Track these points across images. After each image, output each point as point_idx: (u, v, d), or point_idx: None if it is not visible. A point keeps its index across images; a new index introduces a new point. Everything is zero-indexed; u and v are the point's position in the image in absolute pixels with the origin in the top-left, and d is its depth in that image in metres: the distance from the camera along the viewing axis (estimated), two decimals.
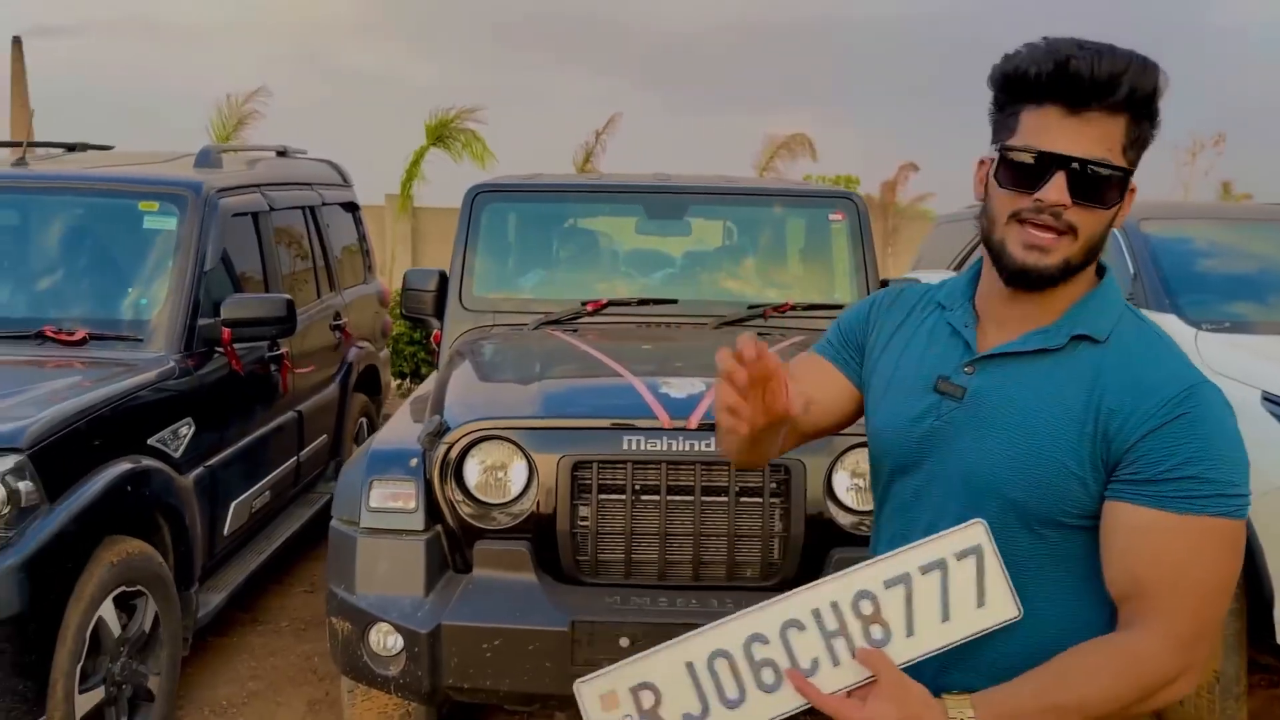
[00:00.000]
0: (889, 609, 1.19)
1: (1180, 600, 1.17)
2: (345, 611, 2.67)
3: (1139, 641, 1.18)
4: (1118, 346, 1.25)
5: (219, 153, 4.57)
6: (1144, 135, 1.23)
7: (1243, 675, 3.33)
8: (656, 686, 1.17)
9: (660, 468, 2.72)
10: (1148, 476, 1.17)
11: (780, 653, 1.18)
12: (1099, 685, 1.16)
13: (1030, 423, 1.24)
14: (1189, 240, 4.34)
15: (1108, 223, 1.24)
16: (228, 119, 14.97)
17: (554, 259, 4.43)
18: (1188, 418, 1.17)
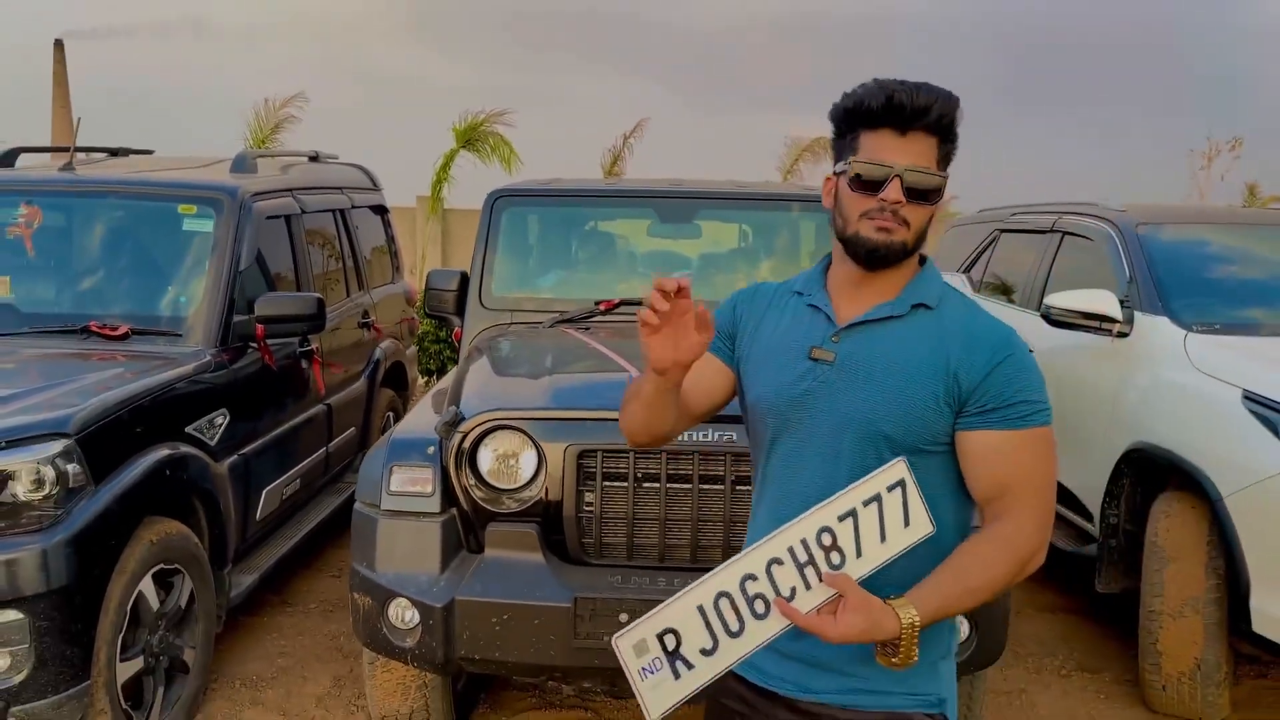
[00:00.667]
0: (843, 538, 1.45)
1: (1036, 491, 1.53)
2: (366, 587, 2.87)
3: (1014, 528, 1.51)
4: (946, 311, 1.61)
5: (254, 158, 4.81)
6: (949, 152, 1.59)
7: (1223, 663, 3.46)
8: (677, 630, 1.42)
9: (661, 457, 2.90)
10: (994, 406, 1.53)
11: (767, 586, 1.43)
12: (995, 567, 1.49)
13: (896, 372, 1.55)
14: (1185, 244, 4.46)
15: (930, 216, 1.58)
16: (264, 122, 15.30)
17: (572, 260, 4.62)
18: (1011, 359, 1.54)
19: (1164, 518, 3.59)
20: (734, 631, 1.43)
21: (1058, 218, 5.12)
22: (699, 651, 1.42)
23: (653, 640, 1.42)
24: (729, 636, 1.43)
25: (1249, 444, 3.29)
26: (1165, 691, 3.54)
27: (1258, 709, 3.73)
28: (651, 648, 1.42)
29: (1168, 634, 3.49)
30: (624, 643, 1.43)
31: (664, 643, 1.42)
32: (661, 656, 1.42)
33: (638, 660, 1.43)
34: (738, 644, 1.43)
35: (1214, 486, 3.36)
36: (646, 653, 1.42)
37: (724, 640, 1.43)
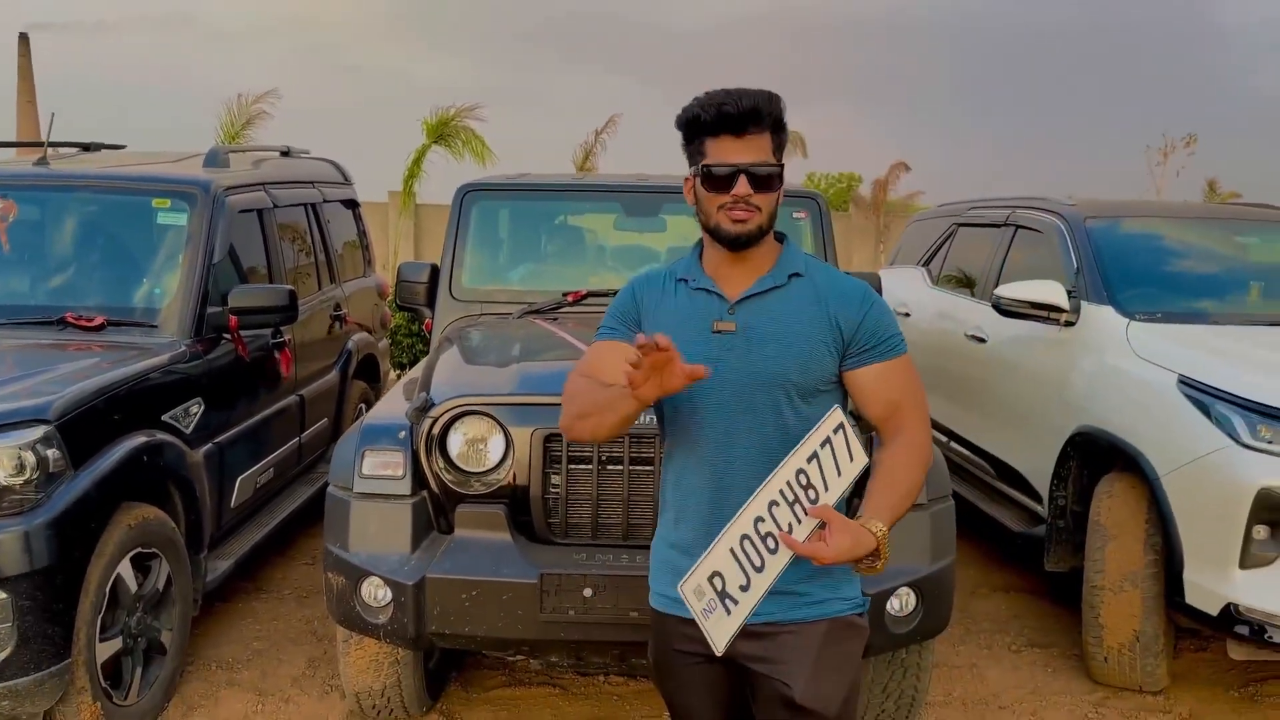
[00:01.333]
0: (814, 476, 1.76)
1: (918, 401, 1.93)
2: (340, 567, 2.98)
3: (914, 436, 1.89)
4: (815, 275, 1.95)
5: (226, 153, 4.88)
6: (782, 142, 1.91)
7: (1161, 634, 3.63)
8: (720, 572, 1.71)
9: (624, 441, 3.02)
10: (873, 345, 1.90)
11: (772, 525, 1.73)
12: (915, 468, 1.86)
13: (793, 329, 1.89)
14: (1131, 237, 4.63)
15: (777, 199, 1.90)
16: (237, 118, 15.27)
17: (542, 253, 4.74)
18: (875, 305, 1.93)
19: (1106, 498, 3.77)
20: (758, 567, 1.71)
21: (1011, 211, 5.29)
22: (739, 588, 1.70)
23: (705, 584, 1.69)
24: (756, 571, 1.71)
25: (1183, 426, 3.46)
26: (1107, 663, 3.71)
27: (1195, 679, 3.91)
28: (706, 590, 1.69)
29: (1108, 608, 3.66)
30: (687, 589, 1.69)
31: (714, 584, 1.70)
32: (714, 596, 1.69)
33: (699, 602, 1.69)
34: (763, 577, 1.71)
35: (1152, 467, 3.54)
36: (704, 595, 1.69)
37: (753, 575, 1.71)
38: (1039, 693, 3.80)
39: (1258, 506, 3.17)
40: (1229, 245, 4.77)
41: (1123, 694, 3.75)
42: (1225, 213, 5.13)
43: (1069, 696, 3.76)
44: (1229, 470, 3.25)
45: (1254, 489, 3.16)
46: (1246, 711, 3.70)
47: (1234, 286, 4.54)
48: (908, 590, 2.96)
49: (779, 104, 1.87)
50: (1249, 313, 4.31)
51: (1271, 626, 3.18)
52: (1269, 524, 3.19)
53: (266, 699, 3.63)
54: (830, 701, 1.86)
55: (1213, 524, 3.30)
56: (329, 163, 6.17)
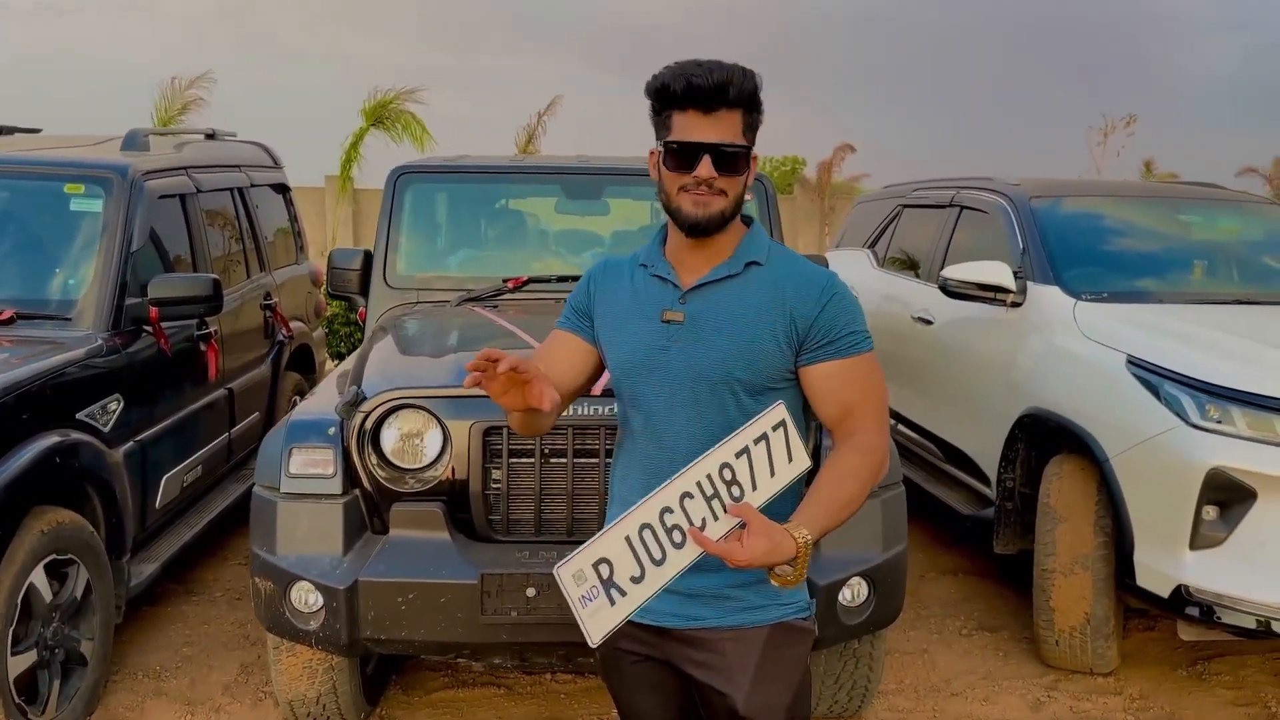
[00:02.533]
0: (740, 473, 1.60)
1: (876, 405, 1.76)
2: (268, 571, 2.82)
3: (866, 440, 1.72)
4: (776, 264, 1.80)
5: (146, 135, 4.65)
6: (755, 121, 1.76)
7: (1112, 616, 3.62)
8: (609, 559, 1.53)
9: (567, 432, 2.90)
10: (830, 340, 1.74)
11: (681, 518, 1.56)
12: (862, 475, 1.68)
13: (742, 322, 1.75)
14: (1076, 216, 4.61)
15: (744, 183, 1.76)
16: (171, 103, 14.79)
17: (481, 239, 4.58)
18: (837, 297, 1.76)
19: (1055, 480, 3.74)
20: (657, 560, 1.55)
21: (956, 192, 5.25)
22: (629, 579, 1.54)
23: (589, 569, 1.53)
24: (654, 565, 1.55)
25: (1133, 407, 3.43)
26: (1058, 646, 3.69)
27: (1144, 660, 3.91)
28: (589, 576, 1.52)
29: (1059, 591, 3.63)
30: (564, 572, 1.52)
31: (599, 571, 1.53)
32: (598, 585, 1.52)
33: (577, 589, 1.52)
34: (661, 571, 1.55)
35: (1101, 448, 3.51)
36: (585, 581, 1.52)
37: (650, 568, 1.55)
38: (991, 677, 3.77)
39: (1207, 486, 3.15)
40: (1172, 224, 4.77)
41: (1074, 676, 3.73)
42: (1168, 191, 5.14)
43: (1021, 681, 3.73)
44: (1178, 451, 3.23)
45: (1204, 469, 3.14)
46: (1195, 690, 3.70)
47: (1178, 265, 4.54)
48: (860, 580, 2.89)
49: (754, 80, 1.72)
50: (1194, 291, 4.31)
51: (1221, 607, 3.16)
52: (1218, 504, 3.18)
53: (196, 709, 3.47)
54: (774, 711, 1.77)
55: (1163, 505, 3.28)
56: (257, 145, 5.93)
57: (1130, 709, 3.55)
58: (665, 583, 1.56)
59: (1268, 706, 3.58)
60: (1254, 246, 4.79)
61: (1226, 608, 3.15)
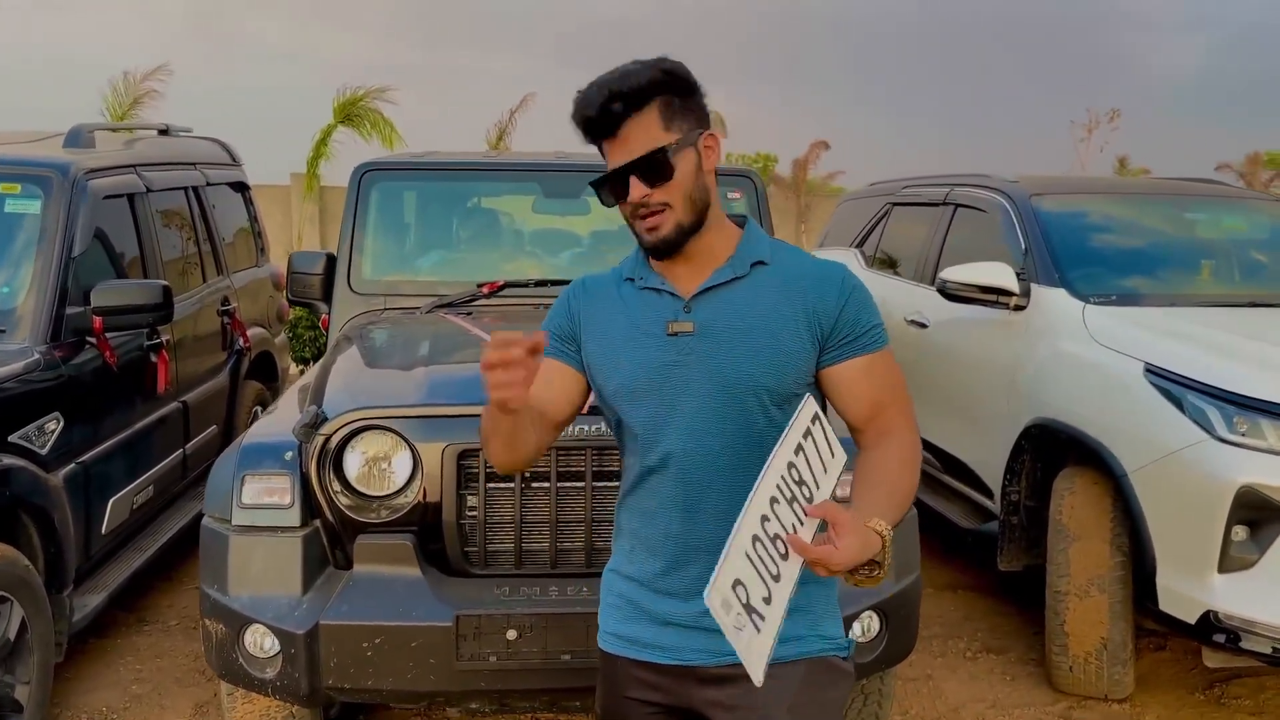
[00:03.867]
0: (804, 471, 1.46)
1: (904, 399, 1.65)
2: (218, 613, 2.55)
3: (903, 436, 1.61)
4: (783, 261, 1.66)
5: (91, 131, 4.34)
6: (681, 106, 1.56)
7: (1128, 641, 3.41)
8: (743, 581, 1.36)
9: (550, 454, 2.65)
10: (854, 336, 1.61)
11: (778, 525, 1.41)
12: (911, 471, 1.58)
13: (763, 325, 1.59)
14: (1079, 215, 4.40)
15: (691, 182, 1.57)
16: (123, 98, 14.36)
17: (454, 240, 4.31)
18: (856, 291, 1.63)
19: (1067, 494, 3.52)
20: (775, 575, 1.40)
21: (950, 190, 5.03)
22: (762, 600, 1.38)
23: (731, 594, 1.34)
24: (774, 581, 1.40)
25: (1153, 418, 3.22)
26: (1072, 672, 3.47)
27: (1158, 683, 3.71)
28: (733, 603, 1.35)
29: (1074, 614, 3.41)
30: (714, 601, 1.33)
31: (739, 595, 1.35)
32: (742, 610, 1.35)
33: (728, 618, 1.34)
34: (780, 588, 1.40)
35: (1118, 462, 3.29)
36: (731, 608, 1.35)
37: (772, 586, 1.39)
38: (999, 705, 3.55)
39: (1237, 505, 2.93)
40: (1178, 222, 4.57)
41: (1087, 703, 3.51)
42: (1172, 189, 4.94)
43: (1032, 709, 3.51)
44: (1206, 466, 3.01)
45: (1234, 487, 2.93)
46: (1215, 715, 3.50)
47: (1187, 266, 4.34)
48: (871, 614, 2.66)
49: (649, 72, 1.54)
50: (1206, 293, 4.11)
51: (1253, 635, 2.95)
52: (1249, 524, 2.96)
53: None
54: None
55: (1188, 525, 3.07)
56: (215, 142, 5.62)
57: None
58: (787, 601, 1.40)
59: None
60: (1264, 245, 4.60)
61: (1259, 635, 2.94)
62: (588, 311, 1.69)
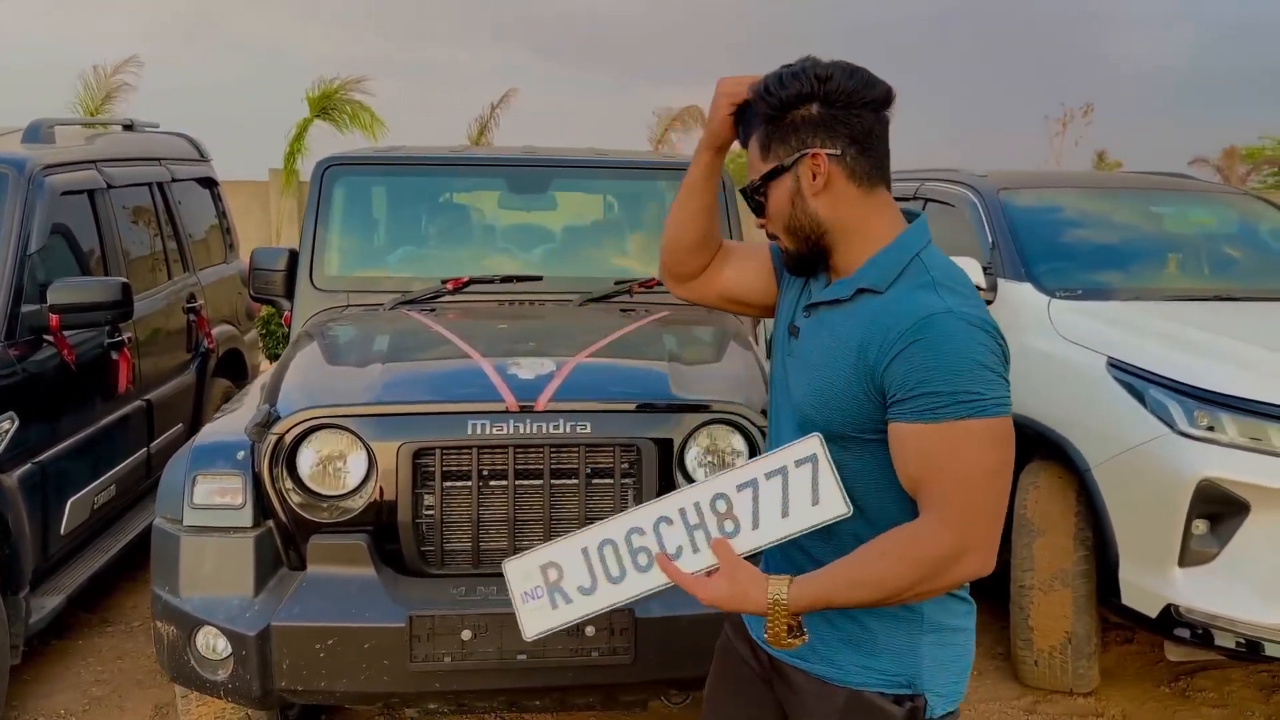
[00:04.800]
0: (739, 507, 1.46)
1: (944, 487, 1.38)
2: (170, 614, 2.51)
3: (919, 524, 1.40)
4: (893, 294, 1.44)
5: (51, 126, 4.28)
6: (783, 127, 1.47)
7: (1093, 634, 3.41)
8: (560, 565, 1.51)
9: (508, 452, 2.62)
10: (900, 397, 1.39)
11: (652, 541, 1.49)
12: (889, 562, 1.39)
13: (823, 360, 1.49)
14: (1046, 210, 4.40)
15: (786, 213, 1.50)
16: (95, 92, 14.23)
17: (422, 236, 4.26)
18: (918, 344, 1.37)
19: (1032, 490, 3.52)
20: (614, 577, 1.50)
21: (920, 184, 5.03)
22: (578, 589, 1.50)
23: (535, 570, 1.51)
24: (609, 581, 1.50)
25: (1116, 413, 3.22)
26: (1037, 666, 3.47)
27: (1124, 676, 3.72)
28: (535, 577, 1.51)
29: (1038, 609, 3.41)
30: (511, 567, 1.53)
31: (546, 574, 1.51)
32: (543, 585, 1.51)
33: (520, 585, 1.52)
34: (616, 589, 1.50)
35: (1082, 457, 3.30)
36: (530, 580, 1.51)
37: (603, 583, 1.50)
38: (965, 700, 3.53)
39: (1197, 499, 2.94)
40: (1146, 217, 4.58)
41: (1052, 697, 3.52)
42: (1140, 183, 4.95)
43: (997, 703, 3.51)
44: (1166, 460, 3.02)
45: (1194, 481, 2.93)
46: (1180, 709, 3.51)
47: (1154, 260, 4.34)
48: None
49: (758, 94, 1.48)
50: (1172, 287, 4.11)
51: (1213, 628, 2.95)
52: (1209, 518, 2.97)
53: None
54: None
55: (1149, 519, 3.07)
56: (182, 137, 5.56)
57: None
58: (620, 601, 1.50)
59: None
60: (1230, 239, 4.61)
61: (1219, 629, 2.95)
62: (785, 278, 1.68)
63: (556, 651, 2.47)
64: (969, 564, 1.38)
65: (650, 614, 2.50)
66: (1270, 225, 4.63)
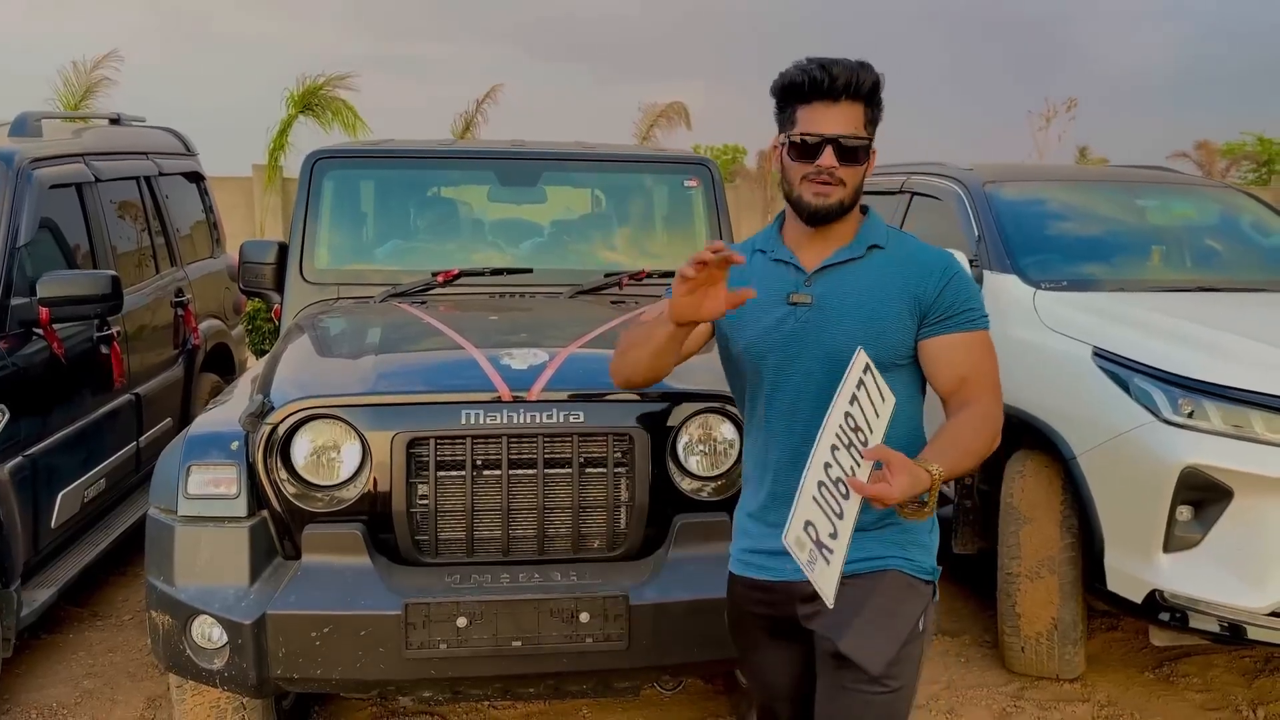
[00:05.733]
0: (859, 419, 1.68)
1: (990, 379, 1.85)
2: (165, 604, 2.52)
3: (985, 406, 1.82)
4: (896, 247, 1.89)
5: (38, 120, 4.27)
6: (875, 116, 1.85)
7: (1079, 621, 3.45)
8: (812, 521, 1.61)
9: (501, 442, 2.64)
10: (950, 315, 1.83)
11: (839, 469, 1.64)
12: (983, 434, 1.79)
13: (870, 302, 1.83)
14: (1031, 202, 4.44)
15: (863, 174, 1.86)
16: (75, 87, 14.13)
17: (410, 230, 4.27)
18: (957, 277, 1.85)
19: (1019, 478, 3.56)
20: (839, 514, 1.63)
21: (906, 178, 5.06)
22: (829, 536, 1.62)
23: (804, 534, 1.61)
24: (838, 518, 1.63)
25: (1101, 401, 3.26)
26: (1024, 652, 3.51)
27: (1109, 662, 3.77)
28: (806, 541, 1.60)
29: (1025, 596, 3.46)
30: (790, 540, 1.60)
31: (810, 534, 1.61)
32: (814, 547, 1.61)
33: (803, 554, 1.61)
34: (844, 524, 1.64)
35: (1067, 445, 3.34)
36: (805, 546, 1.60)
37: (837, 523, 1.63)
38: (954, 687, 3.59)
39: (1181, 486, 2.98)
40: (1130, 210, 4.62)
41: (1039, 683, 3.56)
42: (1124, 176, 4.99)
43: (985, 690, 3.55)
44: (1150, 448, 3.06)
45: (1178, 468, 2.97)
46: (1164, 694, 3.56)
47: (1137, 252, 4.39)
48: None
49: (871, 76, 1.81)
50: (1155, 279, 4.16)
51: (1197, 613, 3.00)
52: (1193, 504, 3.01)
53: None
54: (875, 657, 1.78)
55: (1134, 505, 3.11)
56: (168, 131, 5.54)
57: (1099, 716, 3.39)
58: (850, 534, 1.64)
59: (1239, 710, 3.45)
60: (1212, 232, 4.66)
61: (1202, 613, 2.99)
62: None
63: (551, 639, 2.49)
64: (1000, 431, 1.83)
65: (644, 600, 2.53)
66: (1251, 218, 4.69)
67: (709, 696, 3.45)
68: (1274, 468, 2.91)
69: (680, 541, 2.68)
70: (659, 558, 2.67)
